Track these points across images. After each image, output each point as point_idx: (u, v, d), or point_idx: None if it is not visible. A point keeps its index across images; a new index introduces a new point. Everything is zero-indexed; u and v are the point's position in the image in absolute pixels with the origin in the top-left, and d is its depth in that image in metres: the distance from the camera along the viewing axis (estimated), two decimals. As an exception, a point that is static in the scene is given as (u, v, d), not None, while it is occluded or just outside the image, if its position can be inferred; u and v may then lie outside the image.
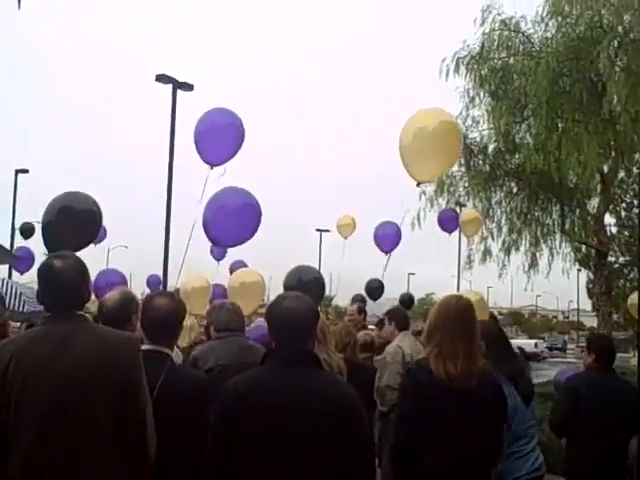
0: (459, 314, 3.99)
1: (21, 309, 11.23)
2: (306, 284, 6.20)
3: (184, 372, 3.89)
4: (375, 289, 13.00)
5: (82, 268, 3.20)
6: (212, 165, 7.86)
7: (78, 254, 3.39)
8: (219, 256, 15.72)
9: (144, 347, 3.55)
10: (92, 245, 17.74)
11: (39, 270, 3.22)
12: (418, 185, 6.71)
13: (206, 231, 7.16)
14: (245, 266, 12.40)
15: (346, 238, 17.87)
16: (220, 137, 7.87)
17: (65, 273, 3.11)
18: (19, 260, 12.27)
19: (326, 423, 3.14)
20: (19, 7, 2.79)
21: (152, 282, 18.96)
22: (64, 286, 3.09)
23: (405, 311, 8.06)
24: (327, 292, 12.16)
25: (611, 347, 5.70)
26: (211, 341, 5.10)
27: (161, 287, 17.48)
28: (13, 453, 2.87)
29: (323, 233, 44.57)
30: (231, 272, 12.70)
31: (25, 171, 29.30)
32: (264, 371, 3.32)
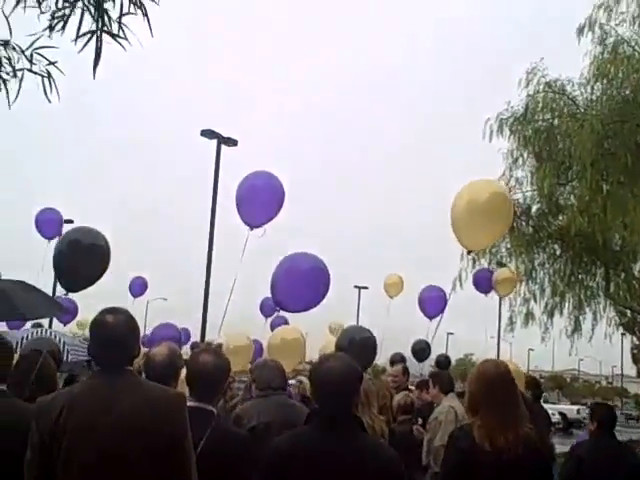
0: (500, 382, 3.93)
1: (65, 359, 11.30)
2: (358, 345, 6.17)
3: (227, 430, 3.87)
4: (422, 350, 12.87)
5: (133, 324, 3.27)
6: (252, 227, 7.99)
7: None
8: (269, 313, 15.80)
9: (189, 404, 3.58)
10: (131, 298, 17.99)
11: (91, 324, 3.29)
12: (469, 253, 6.82)
13: (274, 295, 7.18)
14: (287, 322, 12.40)
15: (392, 297, 17.68)
16: (259, 201, 8.01)
17: (116, 328, 3.17)
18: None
19: None
20: (94, 77, 2.87)
21: (182, 336, 18.94)
22: (115, 341, 3.15)
23: (449, 374, 8.03)
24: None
25: (612, 415, 6.26)
26: (254, 399, 5.08)
27: (191, 341, 17.51)
28: None
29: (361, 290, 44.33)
30: (272, 328, 12.71)
31: (70, 221, 29.67)
32: (307, 432, 3.32)
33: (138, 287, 18.15)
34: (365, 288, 43.36)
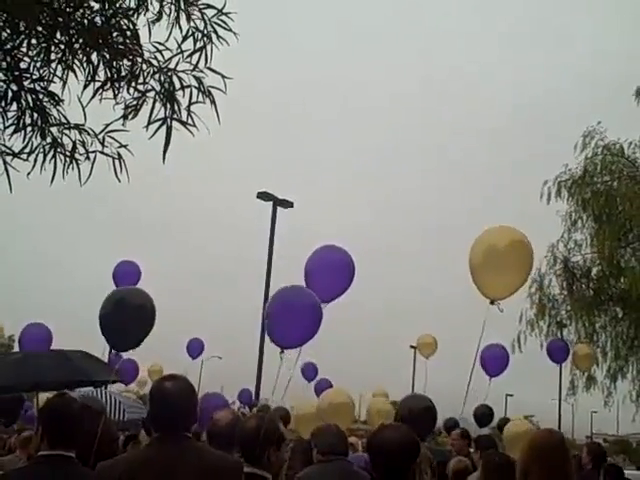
0: (551, 450, 3.87)
1: (121, 418, 11.48)
2: (417, 414, 6.13)
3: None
4: (485, 415, 12.58)
5: (191, 391, 3.31)
6: (324, 302, 7.93)
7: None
8: (311, 376, 15.99)
9: (245, 470, 3.65)
10: (190, 359, 18.18)
11: (151, 391, 3.36)
12: (492, 303, 6.68)
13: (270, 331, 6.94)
14: (330, 385, 12.38)
15: (427, 358, 17.50)
16: (332, 278, 7.96)
17: (175, 396, 3.21)
18: (123, 372, 12.62)
19: None
20: (164, 161, 3.04)
21: (244, 396, 19.03)
22: (174, 408, 3.18)
23: (494, 439, 7.88)
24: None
25: (603, 452, 8.19)
26: (317, 464, 5.02)
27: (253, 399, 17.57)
28: None
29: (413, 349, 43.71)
30: (316, 391, 12.73)
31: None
32: None
33: (195, 349, 18.42)
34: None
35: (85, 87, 3.45)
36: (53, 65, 3.75)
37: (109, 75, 3.44)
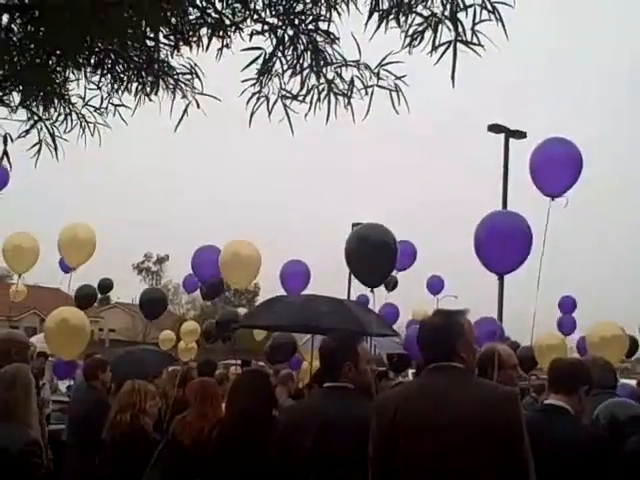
0: None
1: (375, 353, 11.95)
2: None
3: (585, 430, 3.80)
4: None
5: (457, 323, 3.28)
6: (553, 197, 7.33)
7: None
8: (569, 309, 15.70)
9: (550, 402, 3.77)
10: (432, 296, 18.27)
11: (419, 326, 3.45)
12: None
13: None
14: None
15: None
16: (559, 166, 7.34)
17: (440, 329, 3.26)
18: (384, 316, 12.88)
19: None
20: (453, 85, 2.93)
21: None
22: (439, 341, 3.23)
23: None
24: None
25: None
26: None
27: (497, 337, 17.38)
28: None
29: None
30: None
31: (359, 225, 30.79)
32: None
33: (435, 286, 18.38)
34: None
35: (369, 17, 3.44)
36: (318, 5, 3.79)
37: (394, 2, 3.39)
